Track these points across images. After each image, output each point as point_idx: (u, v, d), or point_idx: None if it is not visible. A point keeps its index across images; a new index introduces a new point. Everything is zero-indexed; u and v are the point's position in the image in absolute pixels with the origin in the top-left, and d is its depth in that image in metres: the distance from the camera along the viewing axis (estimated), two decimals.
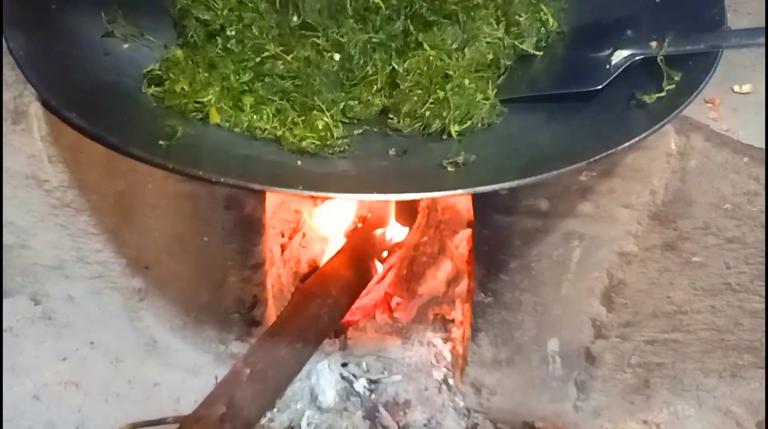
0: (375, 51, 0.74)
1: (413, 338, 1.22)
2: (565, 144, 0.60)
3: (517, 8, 0.78)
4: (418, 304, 1.25)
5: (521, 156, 0.61)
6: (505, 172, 0.55)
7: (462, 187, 0.52)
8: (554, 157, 0.56)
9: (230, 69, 0.69)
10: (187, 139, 0.60)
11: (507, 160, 0.61)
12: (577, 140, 0.61)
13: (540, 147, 0.62)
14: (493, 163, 0.60)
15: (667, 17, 0.74)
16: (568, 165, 0.53)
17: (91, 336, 1.09)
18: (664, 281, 0.88)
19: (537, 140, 0.64)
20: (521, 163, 0.59)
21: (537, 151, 0.61)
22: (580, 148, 0.56)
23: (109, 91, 0.64)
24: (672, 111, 0.58)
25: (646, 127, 0.57)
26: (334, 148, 0.66)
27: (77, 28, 0.71)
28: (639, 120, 0.60)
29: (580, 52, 0.74)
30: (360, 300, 1.21)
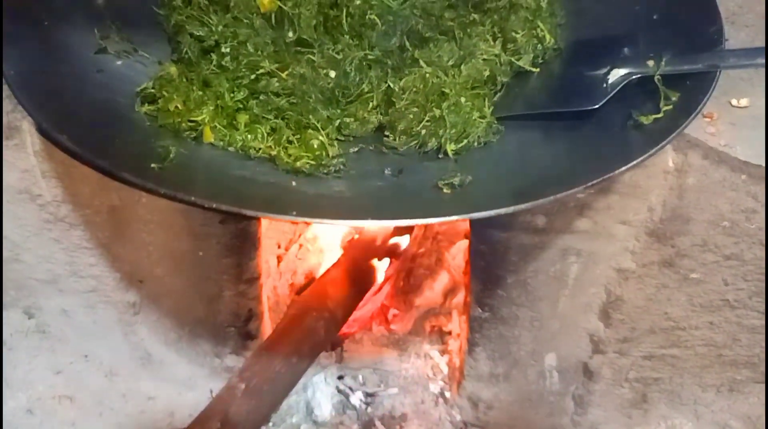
0: (371, 68, 0.73)
1: (410, 350, 1.21)
2: (562, 166, 0.60)
3: (514, 25, 0.77)
4: (414, 316, 1.24)
5: (518, 177, 0.61)
6: (502, 195, 0.55)
7: (457, 213, 0.52)
8: (551, 180, 0.56)
9: (225, 87, 0.68)
10: (180, 159, 0.60)
11: (503, 182, 0.61)
12: (575, 162, 0.60)
13: (537, 168, 0.62)
14: (490, 186, 0.60)
15: (665, 34, 0.73)
16: (565, 190, 0.53)
17: (85, 349, 1.09)
18: (661, 297, 0.88)
19: (534, 160, 0.64)
20: (518, 185, 0.58)
21: (534, 173, 0.60)
22: (578, 172, 0.56)
23: (101, 111, 0.63)
24: (669, 133, 0.58)
25: (644, 149, 0.56)
26: (329, 168, 0.65)
27: (70, 44, 0.70)
28: (636, 142, 0.59)
29: (577, 69, 0.73)
30: (356, 312, 1.20)
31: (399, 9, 0.78)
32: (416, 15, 0.78)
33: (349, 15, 0.76)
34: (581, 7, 0.84)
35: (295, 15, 0.77)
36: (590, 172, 0.55)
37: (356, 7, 0.76)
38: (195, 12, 0.76)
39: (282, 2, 0.77)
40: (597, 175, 0.54)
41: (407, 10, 0.78)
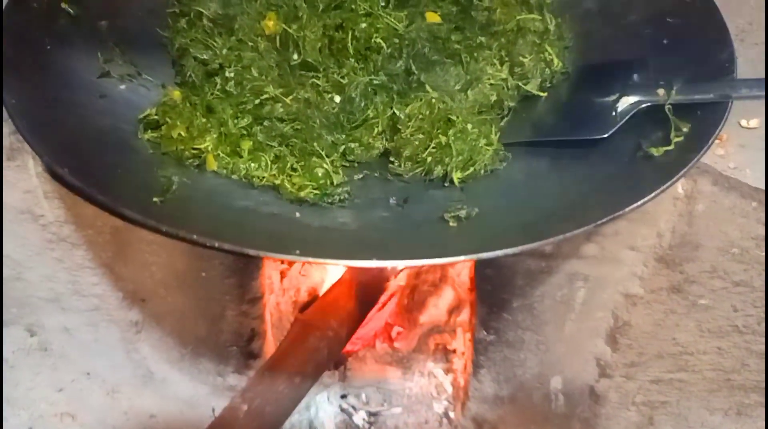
0: (376, 94, 0.72)
1: (414, 368, 1.20)
2: (571, 200, 0.59)
3: (521, 49, 0.76)
4: (418, 334, 1.23)
5: (526, 211, 0.60)
6: (509, 231, 0.54)
7: (464, 252, 0.51)
8: (560, 216, 0.55)
9: (228, 113, 0.67)
10: (182, 190, 0.59)
11: (511, 216, 0.59)
12: (584, 196, 0.59)
13: (545, 200, 0.61)
14: (497, 219, 0.59)
15: (676, 60, 0.72)
16: (574, 228, 0.52)
17: (87, 367, 1.08)
18: (670, 323, 0.87)
19: (542, 192, 0.63)
20: (526, 220, 0.57)
21: (542, 206, 0.59)
22: (588, 207, 0.55)
23: (104, 139, 0.62)
24: (680, 167, 0.57)
25: (655, 185, 0.55)
26: (333, 197, 0.64)
27: (72, 69, 0.69)
28: (647, 175, 0.58)
29: (586, 95, 0.72)
30: (360, 329, 1.19)
31: (405, 32, 0.77)
32: (422, 38, 0.77)
33: (355, 38, 0.75)
34: (589, 29, 0.82)
35: (300, 38, 0.76)
36: (600, 208, 0.54)
37: (362, 30, 0.75)
38: (199, 35, 0.76)
39: (287, 25, 0.77)
40: (607, 213, 0.53)
41: (413, 33, 0.77)
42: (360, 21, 0.76)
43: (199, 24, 0.77)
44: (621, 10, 0.82)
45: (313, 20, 0.77)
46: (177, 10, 0.81)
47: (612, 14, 0.82)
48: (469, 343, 1.07)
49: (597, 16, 0.83)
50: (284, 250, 0.49)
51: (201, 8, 0.77)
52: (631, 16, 0.80)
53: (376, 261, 0.49)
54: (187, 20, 0.79)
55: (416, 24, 0.78)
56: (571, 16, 0.84)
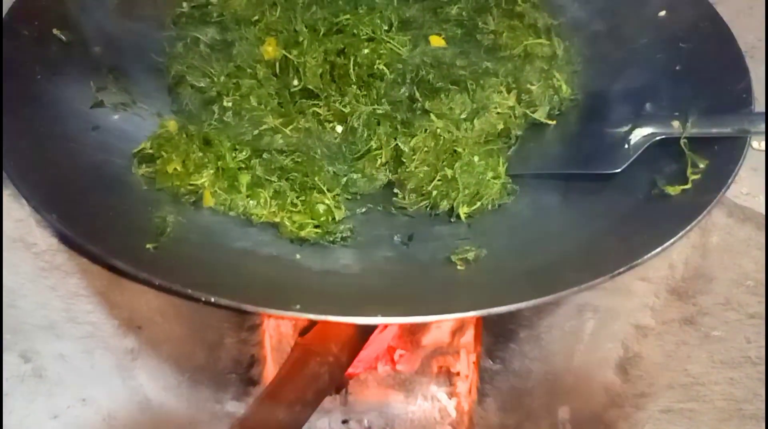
0: (379, 124, 0.70)
1: (416, 391, 1.17)
2: (584, 243, 0.56)
3: (529, 75, 0.73)
4: (421, 356, 1.20)
5: (536, 253, 0.57)
6: (520, 279, 0.51)
7: (473, 308, 0.48)
8: (573, 262, 0.52)
9: (226, 146, 0.65)
10: (177, 231, 0.56)
11: (521, 260, 0.57)
12: (597, 239, 0.56)
13: (557, 241, 0.58)
14: (506, 263, 0.56)
15: (689, 89, 0.70)
16: (589, 278, 0.49)
17: (83, 393, 1.05)
18: (681, 354, 0.84)
19: (552, 230, 0.60)
20: (537, 264, 0.55)
21: (554, 249, 0.57)
22: (601, 253, 0.52)
23: (95, 177, 0.60)
24: (699, 210, 0.54)
25: (672, 230, 0.53)
26: (335, 235, 0.61)
27: (64, 100, 0.67)
28: (664, 218, 0.56)
29: (596, 125, 0.69)
30: (362, 352, 1.17)
31: (409, 56, 0.75)
32: (426, 63, 0.74)
33: (357, 65, 0.73)
34: (599, 52, 0.80)
35: (300, 64, 0.73)
36: (615, 254, 0.52)
37: (364, 56, 0.73)
38: (196, 61, 0.73)
39: (287, 51, 0.74)
40: (623, 262, 0.51)
41: (417, 58, 0.75)
42: (362, 46, 0.74)
43: (196, 50, 0.75)
44: (631, 33, 0.79)
45: (314, 45, 0.74)
46: (174, 33, 0.79)
47: (622, 37, 0.80)
48: (473, 366, 1.05)
49: (606, 39, 0.81)
50: (284, 304, 0.47)
51: (198, 34, 0.75)
52: (642, 39, 0.78)
53: (380, 317, 0.47)
54: (184, 45, 0.77)
55: (420, 48, 0.76)
56: (580, 39, 0.82)
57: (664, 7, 0.79)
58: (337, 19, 0.76)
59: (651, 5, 0.80)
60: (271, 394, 1.00)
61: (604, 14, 0.82)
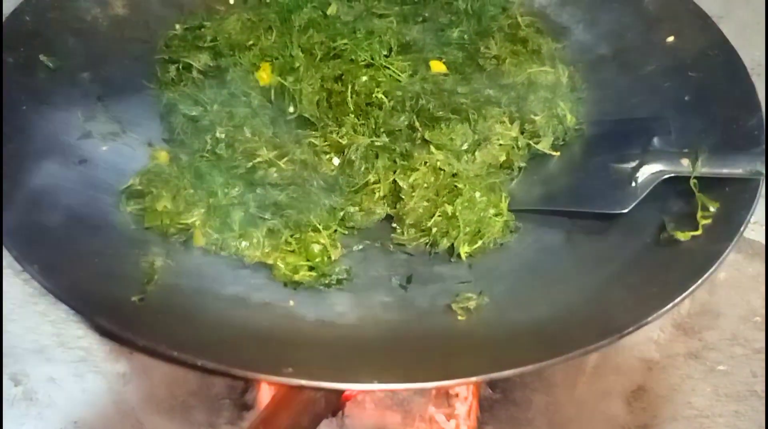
0: (378, 157, 0.67)
1: (414, 413, 1.15)
2: (591, 292, 0.54)
3: (532, 105, 0.71)
4: None
5: (539, 304, 0.54)
6: (523, 336, 0.49)
7: (475, 373, 0.46)
8: (579, 316, 0.50)
9: (218, 182, 0.62)
10: (165, 277, 0.54)
11: (524, 311, 0.54)
12: (604, 289, 0.54)
13: (561, 289, 0.56)
14: (509, 314, 0.54)
15: (698, 120, 0.67)
16: (596, 339, 0.47)
17: (74, 416, 1.03)
18: (686, 387, 0.82)
19: (557, 275, 0.58)
20: (540, 317, 0.52)
21: (558, 299, 0.54)
22: (608, 306, 0.50)
23: (81, 217, 0.58)
24: (709, 262, 0.52)
25: (682, 283, 0.51)
26: (330, 278, 0.59)
27: (51, 131, 0.64)
28: (673, 267, 0.53)
29: (602, 159, 0.67)
30: None
31: (408, 83, 0.72)
32: (427, 91, 0.71)
33: (355, 92, 0.70)
34: (604, 79, 0.78)
35: (296, 91, 0.71)
36: (623, 309, 0.50)
37: (362, 84, 0.70)
38: (188, 89, 0.71)
39: (282, 77, 0.72)
40: (631, 320, 0.48)
41: (417, 85, 0.72)
42: (360, 73, 0.71)
43: (188, 76, 0.72)
44: (637, 59, 0.77)
45: (310, 71, 0.72)
46: (166, 56, 0.76)
47: (628, 63, 0.77)
48: (473, 388, 1.02)
49: (612, 64, 0.78)
50: (275, 367, 0.44)
51: (191, 60, 0.72)
52: (648, 66, 0.75)
53: (377, 384, 0.44)
54: (176, 71, 0.74)
55: (420, 74, 0.73)
56: (585, 64, 0.79)
57: (672, 33, 0.76)
58: (335, 43, 0.74)
59: (658, 30, 0.77)
60: (266, 420, 0.98)
61: (609, 38, 0.80)
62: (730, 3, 1.15)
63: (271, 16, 0.76)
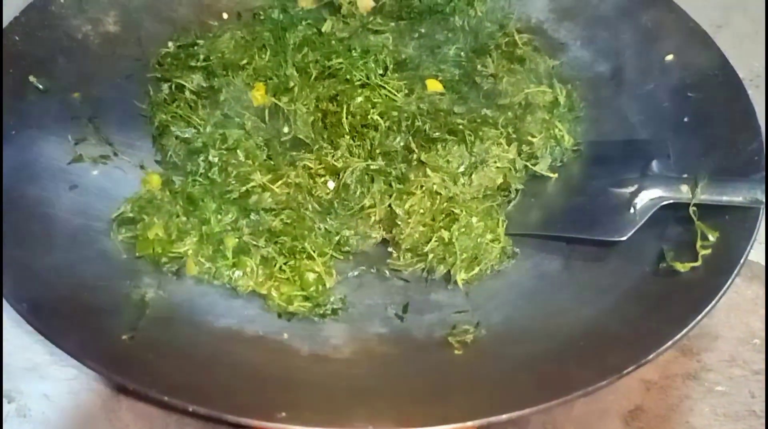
0: (373, 180, 0.66)
1: None
2: (589, 326, 0.53)
3: (530, 126, 0.70)
4: None
5: (537, 337, 0.54)
6: (520, 374, 0.48)
7: (472, 416, 0.45)
8: (577, 352, 0.49)
9: (211, 209, 0.61)
10: (157, 310, 0.53)
11: (521, 345, 0.53)
12: (603, 323, 0.53)
13: (559, 322, 0.55)
14: (506, 350, 0.53)
15: (697, 144, 0.66)
16: (596, 379, 0.46)
17: None
18: (684, 407, 0.82)
19: (554, 308, 0.57)
20: (538, 352, 0.51)
21: (556, 332, 0.53)
22: (607, 342, 0.49)
23: (71, 247, 0.56)
24: (710, 296, 0.51)
25: (681, 318, 0.50)
26: (325, 307, 0.58)
27: (40, 156, 0.63)
28: (672, 300, 0.53)
29: (600, 183, 0.66)
30: None
31: (404, 103, 0.71)
32: (422, 110, 0.70)
33: (350, 113, 0.69)
34: (602, 97, 0.77)
35: (290, 112, 0.70)
36: (622, 346, 0.49)
37: (357, 105, 0.69)
38: (181, 110, 0.69)
39: (277, 98, 0.71)
40: (631, 359, 0.48)
41: (413, 105, 0.71)
42: (355, 94, 0.70)
43: (181, 97, 0.71)
44: (636, 78, 0.76)
45: (305, 91, 0.71)
46: (158, 75, 0.75)
47: (627, 81, 0.76)
48: None
49: (610, 83, 0.77)
50: (268, 411, 0.43)
51: (183, 81, 0.71)
52: (647, 85, 0.74)
53: None
54: (169, 89, 0.73)
55: (416, 94, 0.72)
56: (582, 82, 0.78)
57: (671, 51, 0.75)
58: (330, 62, 0.73)
59: (657, 48, 0.76)
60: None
61: (607, 55, 0.78)
62: (729, 12, 1.14)
63: (265, 34, 0.75)
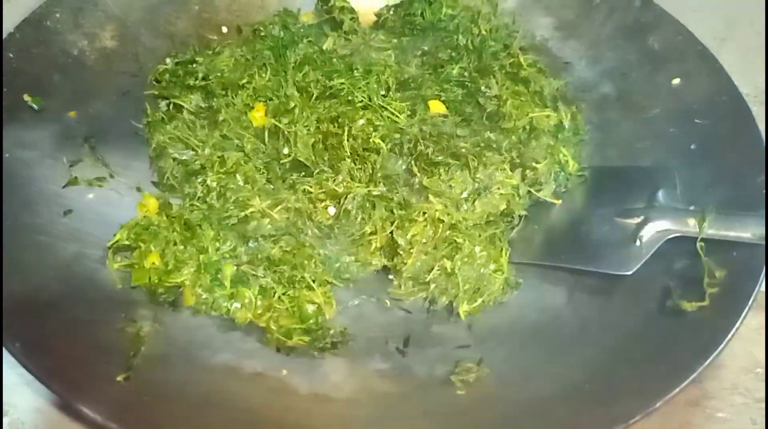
0: (374, 207, 0.65)
1: None
2: (594, 368, 0.52)
3: (534, 152, 0.69)
4: None
5: (541, 378, 0.52)
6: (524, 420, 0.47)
7: None
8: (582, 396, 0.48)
9: (209, 236, 0.60)
10: (153, 346, 0.52)
11: (524, 386, 0.52)
12: (607, 366, 0.52)
13: (563, 362, 0.54)
14: (509, 391, 0.51)
15: (704, 172, 0.65)
16: None
17: None
18: None
19: (558, 345, 0.56)
20: (542, 395, 0.50)
21: (560, 374, 0.52)
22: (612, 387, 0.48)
23: (65, 278, 0.55)
24: (717, 340, 0.50)
25: (688, 364, 0.49)
26: (325, 342, 0.57)
27: (34, 180, 0.62)
28: (679, 343, 0.52)
29: (606, 211, 0.64)
30: None
31: (407, 126, 0.69)
32: (425, 133, 0.69)
33: (352, 137, 0.68)
34: (607, 120, 0.75)
35: (291, 133, 0.68)
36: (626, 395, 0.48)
37: (359, 128, 0.68)
38: (179, 131, 0.68)
39: (277, 119, 0.69)
40: (637, 407, 0.47)
41: (416, 127, 0.69)
42: (357, 116, 0.68)
43: (179, 117, 0.70)
44: (642, 101, 0.74)
45: (305, 112, 0.69)
46: (156, 92, 0.74)
47: (632, 104, 0.75)
48: None
49: (616, 105, 0.76)
50: None
51: (182, 101, 0.69)
52: (654, 109, 0.73)
53: None
54: (166, 107, 0.71)
55: (419, 116, 0.71)
56: (588, 103, 0.77)
57: (678, 75, 0.74)
58: (332, 82, 0.71)
59: (664, 71, 0.75)
60: None
61: (613, 76, 0.77)
62: (733, 25, 1.12)
63: (266, 52, 0.73)
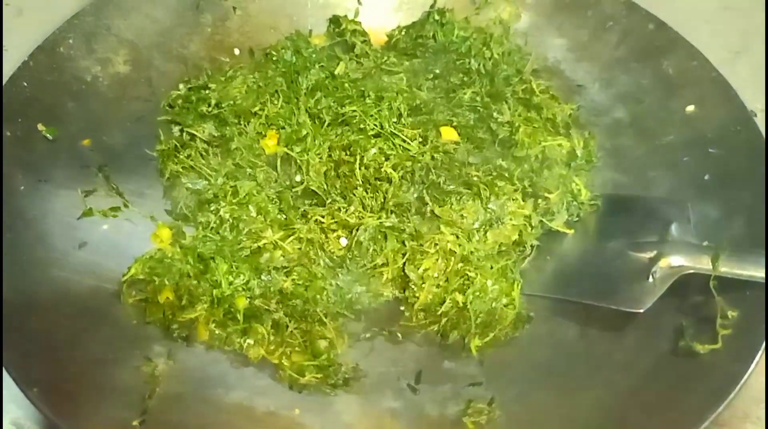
0: (386, 238, 0.65)
1: None
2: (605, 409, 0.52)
3: (547, 182, 0.68)
4: None
5: (553, 417, 0.53)
6: None
7: None
8: None
9: (222, 271, 0.60)
10: (167, 385, 0.52)
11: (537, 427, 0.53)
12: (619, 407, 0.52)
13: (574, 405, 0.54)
14: None
15: (718, 206, 0.65)
16: None
17: None
18: None
19: (570, 385, 0.56)
20: None
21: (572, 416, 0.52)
22: None
23: (81, 313, 0.56)
24: (729, 386, 0.50)
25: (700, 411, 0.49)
26: (336, 378, 0.57)
27: (49, 212, 0.62)
28: (691, 387, 0.52)
29: (618, 244, 0.64)
30: None
31: (418, 154, 0.69)
32: (437, 161, 0.69)
33: (363, 166, 0.68)
34: (620, 146, 0.75)
35: (303, 161, 0.69)
36: None
37: (371, 157, 0.68)
38: (192, 160, 0.68)
39: (289, 148, 0.69)
40: None
41: (427, 155, 0.69)
42: (369, 145, 0.68)
43: (192, 145, 0.70)
44: (656, 128, 0.74)
45: (318, 139, 0.69)
46: (169, 118, 0.74)
47: (646, 130, 0.74)
48: None
49: (629, 130, 0.75)
50: None
51: (194, 131, 0.69)
52: (667, 136, 0.73)
53: None
54: (179, 133, 0.72)
55: (431, 143, 0.70)
56: (600, 128, 0.76)
57: (692, 101, 0.73)
58: (343, 109, 0.71)
59: (678, 97, 0.74)
60: None
61: (626, 101, 0.76)
62: (748, 37, 1.11)
63: (278, 79, 0.73)
